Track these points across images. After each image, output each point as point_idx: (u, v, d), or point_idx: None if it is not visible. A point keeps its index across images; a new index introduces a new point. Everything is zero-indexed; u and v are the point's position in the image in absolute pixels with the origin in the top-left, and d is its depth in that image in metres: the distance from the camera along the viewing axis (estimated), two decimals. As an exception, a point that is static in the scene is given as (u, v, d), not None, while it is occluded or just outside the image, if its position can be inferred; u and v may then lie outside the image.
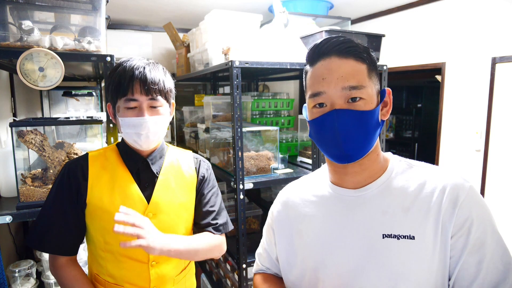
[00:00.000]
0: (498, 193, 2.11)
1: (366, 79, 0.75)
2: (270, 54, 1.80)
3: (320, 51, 0.77)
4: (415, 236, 0.72)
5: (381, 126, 0.78)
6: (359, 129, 0.74)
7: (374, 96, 0.76)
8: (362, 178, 0.80)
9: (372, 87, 0.76)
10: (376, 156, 0.81)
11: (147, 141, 1.04)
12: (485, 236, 0.70)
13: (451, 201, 0.72)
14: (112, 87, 1.03)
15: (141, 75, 1.00)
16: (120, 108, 1.03)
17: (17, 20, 1.41)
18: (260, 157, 1.85)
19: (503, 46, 2.05)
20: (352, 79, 0.73)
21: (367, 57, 0.76)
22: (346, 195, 0.82)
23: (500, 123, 2.08)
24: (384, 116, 0.80)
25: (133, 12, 2.70)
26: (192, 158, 1.24)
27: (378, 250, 0.74)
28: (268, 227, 1.00)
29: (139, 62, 1.04)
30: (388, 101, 0.81)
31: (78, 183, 1.05)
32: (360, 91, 0.73)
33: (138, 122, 1.01)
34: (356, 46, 0.76)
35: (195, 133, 2.60)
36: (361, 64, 0.75)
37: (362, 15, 2.93)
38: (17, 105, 2.12)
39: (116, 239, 1.04)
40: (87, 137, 1.79)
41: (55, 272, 1.07)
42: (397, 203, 0.76)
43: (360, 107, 0.74)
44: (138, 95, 1.01)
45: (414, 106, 4.64)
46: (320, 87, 0.75)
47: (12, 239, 1.99)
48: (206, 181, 1.23)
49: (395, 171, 0.81)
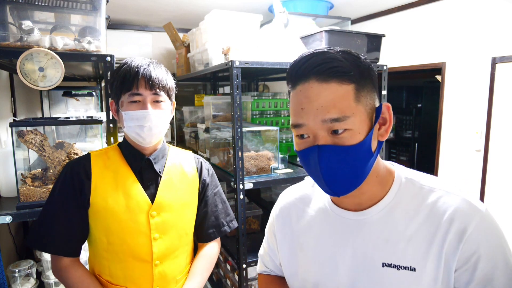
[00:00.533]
0: (498, 193, 2.11)
1: (351, 105, 0.65)
2: (270, 54, 1.80)
3: (298, 73, 0.67)
4: (415, 268, 0.67)
5: (377, 150, 0.70)
6: (345, 167, 0.66)
7: (364, 123, 0.66)
8: (362, 201, 0.75)
9: (361, 112, 0.66)
10: (375, 179, 0.74)
11: (149, 133, 1.06)
12: (494, 272, 0.64)
13: (456, 233, 0.65)
14: (117, 83, 1.07)
15: (146, 72, 1.05)
16: (124, 102, 1.06)
17: (17, 20, 1.40)
18: (260, 157, 1.85)
19: (503, 46, 2.05)
20: (333, 109, 0.64)
21: (355, 74, 0.66)
22: (346, 217, 0.77)
23: (500, 123, 2.08)
24: (382, 136, 0.71)
25: (133, 12, 2.70)
26: (193, 159, 1.25)
27: (376, 278, 0.71)
28: (270, 231, 0.97)
29: (143, 61, 1.09)
30: (388, 118, 0.71)
31: (82, 182, 1.05)
32: (343, 123, 0.64)
33: (141, 114, 1.04)
34: (338, 66, 0.65)
35: (195, 133, 2.60)
36: (346, 85, 0.65)
37: (362, 15, 2.93)
38: (17, 105, 2.12)
39: (119, 239, 1.04)
40: (87, 137, 1.79)
41: (60, 273, 1.06)
42: (400, 230, 0.70)
43: (346, 141, 0.65)
44: (142, 90, 1.04)
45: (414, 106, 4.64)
46: (299, 118, 0.67)
47: (12, 239, 1.99)
48: (208, 185, 1.25)
49: (399, 192, 0.73)
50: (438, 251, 0.66)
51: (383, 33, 1.96)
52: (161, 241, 1.09)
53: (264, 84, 3.33)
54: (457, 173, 2.35)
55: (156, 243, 1.08)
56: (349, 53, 0.68)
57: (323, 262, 0.79)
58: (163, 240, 1.09)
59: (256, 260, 1.74)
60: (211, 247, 1.25)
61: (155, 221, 1.07)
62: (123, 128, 1.10)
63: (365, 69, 0.68)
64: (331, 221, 0.79)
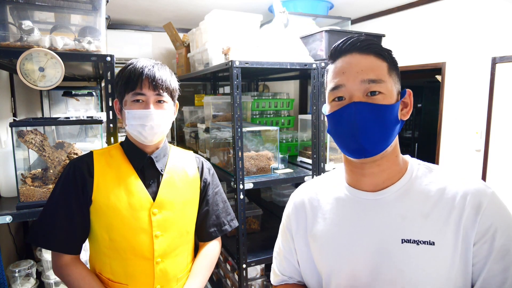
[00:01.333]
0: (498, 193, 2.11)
1: (386, 75, 0.75)
2: (270, 54, 1.80)
3: (342, 48, 0.78)
4: (435, 242, 0.70)
5: (400, 125, 0.78)
6: (377, 123, 0.73)
7: (393, 93, 0.76)
8: (380, 180, 0.79)
9: (392, 84, 0.76)
10: (395, 158, 0.79)
11: (151, 132, 1.08)
12: (510, 243, 0.68)
13: (473, 208, 0.70)
14: (121, 82, 1.09)
15: (150, 72, 1.07)
16: (128, 102, 1.08)
17: (17, 20, 1.41)
18: (260, 157, 1.85)
19: (503, 46, 2.05)
20: (371, 73, 0.73)
21: (388, 56, 0.77)
22: (364, 198, 0.80)
23: (500, 123, 2.08)
24: (404, 116, 0.79)
25: (133, 12, 2.70)
26: (194, 158, 1.27)
27: (396, 255, 0.73)
28: (284, 230, 0.96)
29: (148, 62, 1.11)
30: (409, 102, 0.80)
31: (84, 179, 1.06)
32: (379, 85, 0.73)
33: (144, 114, 1.06)
34: (377, 44, 0.77)
35: (195, 133, 2.60)
36: (381, 61, 0.76)
37: (362, 15, 2.93)
38: (17, 105, 2.12)
39: (121, 236, 1.05)
40: (87, 137, 1.80)
41: (60, 271, 1.06)
42: (417, 208, 0.74)
43: (379, 101, 0.73)
44: (146, 90, 1.07)
45: (414, 106, 4.64)
46: (339, 80, 0.75)
47: (12, 239, 1.99)
48: (209, 184, 1.26)
49: (414, 175, 0.79)
50: (456, 226, 0.70)
51: (383, 33, 1.96)
52: (162, 238, 1.09)
53: (264, 84, 3.33)
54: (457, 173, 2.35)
55: (158, 241, 1.08)
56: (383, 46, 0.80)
57: (339, 246, 0.80)
58: (165, 238, 1.10)
59: (256, 260, 1.74)
60: (212, 246, 1.26)
61: (157, 218, 1.08)
62: (125, 126, 1.11)
63: (394, 59, 0.79)
64: (348, 205, 0.82)
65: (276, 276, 0.98)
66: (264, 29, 2.00)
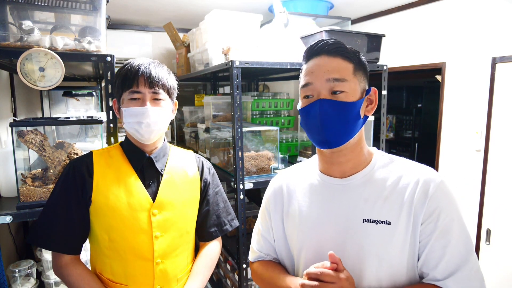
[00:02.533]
0: (498, 193, 2.11)
1: (350, 75, 0.84)
2: (270, 54, 1.80)
3: (313, 51, 0.88)
4: (391, 222, 0.82)
5: (363, 120, 0.87)
6: (338, 118, 0.82)
7: (357, 91, 0.85)
8: (347, 168, 0.89)
9: (356, 83, 0.85)
10: (360, 150, 0.90)
11: (148, 130, 1.08)
12: (451, 224, 0.80)
13: (423, 193, 0.81)
14: (119, 81, 1.10)
15: (146, 70, 1.08)
16: (125, 100, 1.09)
17: (17, 20, 1.40)
18: (260, 157, 1.85)
19: (503, 46, 2.05)
20: (336, 73, 0.83)
21: (354, 57, 0.86)
22: (332, 183, 0.91)
23: (500, 123, 2.08)
24: (368, 112, 0.89)
25: (133, 12, 2.70)
26: (194, 158, 1.27)
27: (358, 232, 0.84)
28: (264, 211, 1.07)
29: (145, 60, 1.12)
30: (374, 99, 0.90)
31: (84, 179, 1.06)
32: (342, 84, 0.83)
33: (140, 111, 1.06)
34: (343, 47, 0.86)
35: (195, 133, 2.60)
36: (347, 63, 0.85)
37: (362, 15, 2.93)
38: (17, 105, 2.12)
39: (121, 237, 1.05)
40: (87, 137, 1.79)
41: (60, 271, 1.07)
42: (378, 193, 0.85)
43: (341, 98, 0.83)
44: (142, 87, 1.07)
45: (414, 106, 4.64)
46: (309, 79, 0.86)
47: (12, 239, 1.99)
48: (209, 184, 1.26)
49: (377, 165, 0.90)
50: (408, 208, 0.82)
51: (383, 33, 1.96)
52: (162, 239, 1.09)
53: (264, 84, 3.33)
54: (457, 173, 2.35)
55: (158, 241, 1.08)
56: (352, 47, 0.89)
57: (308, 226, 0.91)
58: (164, 239, 1.09)
59: (256, 260, 1.74)
60: (213, 246, 1.26)
61: (157, 219, 1.08)
62: (123, 125, 1.11)
63: (362, 61, 0.88)
64: (319, 190, 0.93)
65: (253, 253, 1.08)
66: (264, 29, 2.00)
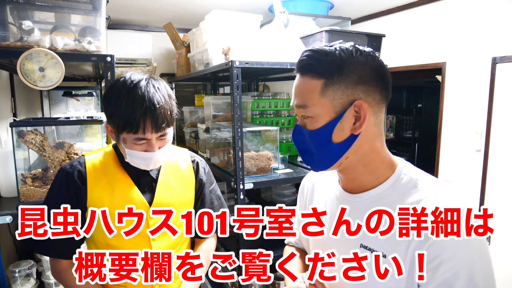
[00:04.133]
0: (498, 193, 2.11)
1: (314, 98, 0.74)
2: (270, 54, 1.80)
3: (296, 66, 0.81)
4: (386, 255, 0.73)
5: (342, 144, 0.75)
6: (307, 146, 0.80)
7: (325, 114, 0.74)
8: (354, 186, 0.83)
9: (324, 105, 0.73)
10: (362, 168, 0.79)
11: (154, 166, 1.08)
12: (455, 282, 0.64)
13: (425, 234, 0.68)
14: (118, 121, 0.98)
15: (153, 117, 0.97)
16: (127, 140, 1.01)
17: (17, 20, 1.40)
18: (260, 157, 1.85)
19: (504, 46, 2.05)
20: (299, 97, 0.77)
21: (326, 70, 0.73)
22: (343, 197, 0.85)
23: (501, 123, 2.08)
24: (356, 130, 0.74)
25: (133, 12, 2.70)
26: (188, 157, 1.26)
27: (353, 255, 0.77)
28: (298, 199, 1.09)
29: (144, 88, 0.98)
30: (362, 115, 0.73)
31: (77, 187, 1.05)
32: (304, 110, 0.76)
33: (148, 156, 1.02)
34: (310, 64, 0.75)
35: (195, 133, 2.60)
36: (316, 80, 0.74)
37: (362, 15, 2.93)
38: (17, 105, 2.12)
39: (118, 240, 1.04)
40: (87, 137, 1.79)
41: (58, 276, 1.07)
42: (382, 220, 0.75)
43: (307, 125, 0.77)
44: (149, 134, 0.99)
45: (414, 106, 4.63)
46: (292, 101, 0.82)
47: (12, 239, 1.99)
48: (205, 184, 1.26)
49: (394, 186, 0.77)
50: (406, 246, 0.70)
51: (383, 33, 1.96)
52: (159, 241, 1.09)
53: (264, 84, 3.33)
54: (457, 173, 2.35)
55: (155, 243, 1.08)
56: (341, 49, 0.75)
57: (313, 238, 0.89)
58: (162, 241, 1.09)
59: (256, 260, 1.74)
60: (208, 242, 1.27)
61: (153, 221, 1.07)
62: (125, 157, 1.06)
63: (347, 66, 0.73)
64: (333, 198, 0.89)
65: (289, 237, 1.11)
66: (264, 29, 2.00)
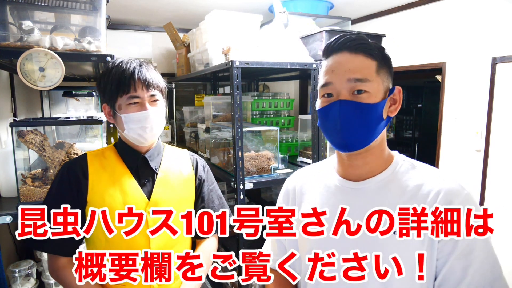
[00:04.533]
0: (498, 193, 2.11)
1: (373, 74, 0.78)
2: (270, 54, 1.80)
3: (334, 46, 0.81)
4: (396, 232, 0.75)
5: (386, 122, 0.81)
6: (359, 121, 0.77)
7: (380, 91, 0.79)
8: (364, 171, 0.84)
9: (379, 83, 0.79)
10: (380, 152, 0.84)
11: (151, 134, 1.09)
12: (475, 243, 0.72)
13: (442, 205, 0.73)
14: (111, 86, 1.07)
15: (141, 73, 1.07)
16: (122, 105, 1.07)
17: (17, 20, 1.40)
18: (260, 157, 1.85)
19: (504, 46, 2.05)
20: (358, 72, 0.77)
21: (378, 54, 0.79)
22: (347, 187, 0.85)
23: (501, 123, 2.08)
24: (391, 113, 0.83)
25: (133, 12, 2.70)
26: (188, 156, 1.28)
27: (366, 241, 0.78)
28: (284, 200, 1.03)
29: (133, 62, 1.09)
30: (398, 99, 0.83)
31: (79, 181, 1.06)
32: (364, 84, 0.77)
33: (142, 116, 1.06)
34: (367, 43, 0.79)
35: (195, 133, 2.60)
36: (370, 60, 0.78)
37: (362, 15, 2.93)
38: (17, 105, 2.12)
39: (117, 236, 1.04)
40: (87, 137, 1.79)
41: (56, 273, 1.07)
42: (393, 201, 0.78)
43: (363, 100, 0.77)
44: (140, 91, 1.06)
45: (414, 106, 4.64)
46: (328, 78, 0.80)
47: (12, 239, 1.99)
48: (204, 181, 1.27)
49: (397, 169, 0.83)
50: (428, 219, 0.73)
51: (383, 33, 1.96)
52: (159, 238, 1.09)
53: (264, 84, 3.33)
54: (457, 173, 2.35)
55: (154, 240, 1.09)
56: (376, 42, 0.83)
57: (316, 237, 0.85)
58: (161, 237, 1.10)
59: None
60: (209, 242, 1.26)
61: (152, 218, 1.08)
62: (122, 131, 1.10)
63: (386, 56, 0.82)
64: (333, 192, 0.88)
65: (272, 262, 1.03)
66: (264, 29, 2.00)
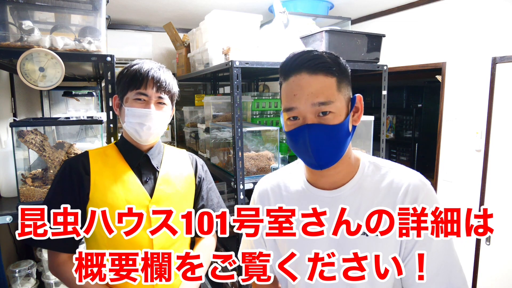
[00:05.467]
0: (498, 193, 2.11)
1: (335, 94, 0.78)
2: (270, 54, 1.80)
3: (292, 67, 0.81)
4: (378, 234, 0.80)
5: (352, 133, 0.83)
6: (329, 142, 0.79)
7: (343, 108, 0.80)
8: (337, 179, 0.86)
9: (341, 100, 0.80)
10: (348, 159, 0.87)
11: (148, 132, 1.10)
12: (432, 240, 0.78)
13: (410, 202, 0.80)
14: (126, 79, 1.11)
15: (156, 74, 1.11)
16: (129, 99, 1.10)
17: (17, 20, 1.40)
18: (260, 157, 1.85)
19: (504, 46, 2.05)
20: (321, 95, 0.77)
21: (336, 69, 0.79)
22: (321, 195, 0.87)
23: (501, 123, 2.08)
24: (355, 122, 0.84)
25: (133, 12, 2.70)
26: (187, 156, 1.31)
27: (349, 245, 0.81)
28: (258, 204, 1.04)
29: (154, 64, 1.15)
30: (360, 107, 0.85)
31: (81, 177, 1.07)
32: (328, 106, 0.77)
33: (144, 113, 1.08)
34: (324, 62, 0.79)
35: (195, 133, 2.60)
36: (330, 78, 0.78)
37: (362, 15, 2.93)
38: (17, 105, 2.12)
39: (119, 234, 1.05)
40: (87, 137, 1.80)
41: (57, 269, 1.07)
42: (367, 204, 0.83)
43: (330, 121, 0.78)
44: (149, 90, 1.10)
45: (414, 106, 4.63)
46: (292, 102, 0.80)
47: (12, 239, 1.99)
48: (203, 180, 1.30)
49: (365, 172, 0.87)
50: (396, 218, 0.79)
51: (383, 33, 1.96)
52: (159, 237, 1.09)
53: (264, 84, 3.33)
54: (457, 173, 2.35)
55: (155, 240, 1.09)
56: (331, 53, 0.82)
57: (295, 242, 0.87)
58: (163, 234, 1.10)
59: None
60: (208, 240, 1.28)
61: (154, 216, 1.09)
62: (122, 124, 1.13)
63: (344, 67, 0.82)
64: (306, 202, 0.88)
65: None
66: (264, 29, 2.00)
